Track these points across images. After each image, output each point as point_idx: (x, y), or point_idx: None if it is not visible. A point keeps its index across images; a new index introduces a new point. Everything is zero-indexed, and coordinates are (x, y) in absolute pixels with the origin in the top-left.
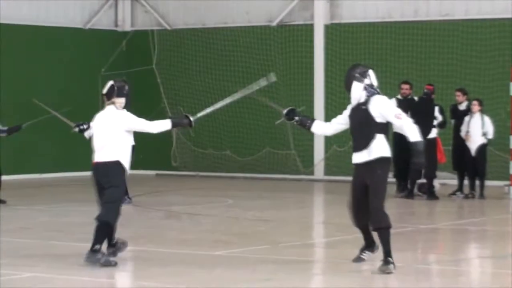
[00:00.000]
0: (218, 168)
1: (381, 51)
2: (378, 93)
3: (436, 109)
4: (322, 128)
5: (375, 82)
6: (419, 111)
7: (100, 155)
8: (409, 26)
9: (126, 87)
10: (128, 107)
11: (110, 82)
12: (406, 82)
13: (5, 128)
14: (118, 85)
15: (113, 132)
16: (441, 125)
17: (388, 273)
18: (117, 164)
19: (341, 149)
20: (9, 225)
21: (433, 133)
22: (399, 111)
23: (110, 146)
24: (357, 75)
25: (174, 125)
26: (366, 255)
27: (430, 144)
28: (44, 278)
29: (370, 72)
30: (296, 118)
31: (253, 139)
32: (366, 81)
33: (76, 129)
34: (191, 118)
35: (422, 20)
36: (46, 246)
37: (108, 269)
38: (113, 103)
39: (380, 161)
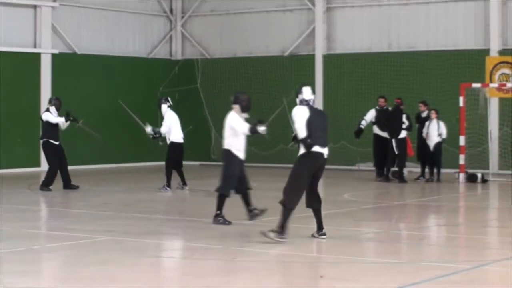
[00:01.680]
0: (246, 160)
1: (364, 74)
2: (308, 105)
3: (404, 116)
4: None
5: (307, 96)
6: (392, 118)
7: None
8: (385, 55)
9: (241, 97)
10: (245, 111)
11: (233, 94)
12: (382, 97)
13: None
14: (233, 96)
15: (226, 128)
16: (408, 129)
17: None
18: (228, 151)
19: (335, 145)
20: (93, 201)
21: (403, 134)
22: (296, 121)
23: (225, 138)
24: (296, 92)
25: (250, 130)
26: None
27: (401, 142)
28: (118, 240)
29: (304, 89)
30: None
31: (270, 139)
32: (300, 96)
33: (150, 136)
34: (261, 128)
35: (394, 51)
36: (120, 217)
37: (163, 233)
38: (232, 108)
39: (299, 157)
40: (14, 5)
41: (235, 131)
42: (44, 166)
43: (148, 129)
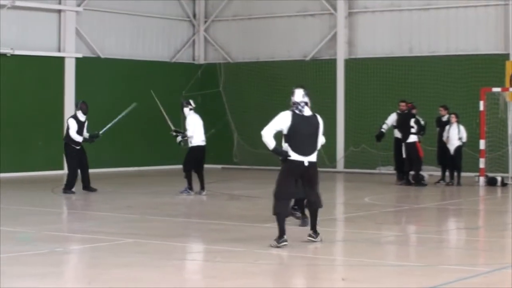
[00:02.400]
0: (267, 163)
1: (386, 78)
2: (298, 109)
3: (412, 120)
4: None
5: (298, 99)
6: (403, 122)
7: None
8: (406, 60)
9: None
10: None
11: None
12: (403, 101)
13: (87, 136)
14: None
15: None
16: (416, 133)
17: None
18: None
19: (356, 149)
20: (117, 204)
21: (412, 138)
22: (266, 126)
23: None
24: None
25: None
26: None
27: (410, 146)
28: (141, 243)
29: (296, 91)
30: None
31: None
32: (292, 99)
33: (173, 133)
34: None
35: (415, 55)
36: (143, 220)
37: (186, 235)
38: None
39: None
40: (39, 9)
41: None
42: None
43: (178, 138)
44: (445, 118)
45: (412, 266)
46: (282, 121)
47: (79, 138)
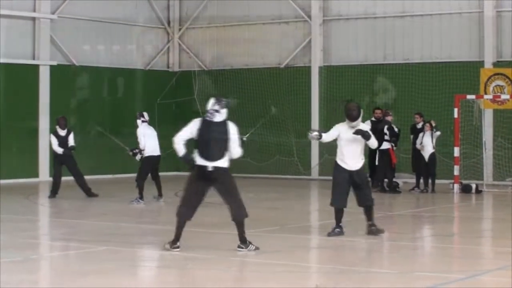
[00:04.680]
0: (242, 170)
1: (359, 85)
2: (208, 116)
3: (385, 127)
4: None
5: (208, 107)
6: (377, 129)
7: None
8: (380, 67)
9: (346, 106)
10: (352, 120)
11: None
12: (377, 108)
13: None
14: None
15: None
16: (389, 140)
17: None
18: (334, 162)
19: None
20: (91, 212)
21: (384, 145)
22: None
23: None
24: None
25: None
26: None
27: (384, 153)
28: (114, 250)
29: (210, 99)
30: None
31: (267, 150)
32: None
33: (130, 153)
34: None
35: (389, 63)
36: (116, 227)
37: (158, 242)
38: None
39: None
40: (13, 17)
41: (339, 141)
42: (42, 176)
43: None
44: (419, 126)
45: (385, 273)
46: (191, 127)
47: (59, 151)
